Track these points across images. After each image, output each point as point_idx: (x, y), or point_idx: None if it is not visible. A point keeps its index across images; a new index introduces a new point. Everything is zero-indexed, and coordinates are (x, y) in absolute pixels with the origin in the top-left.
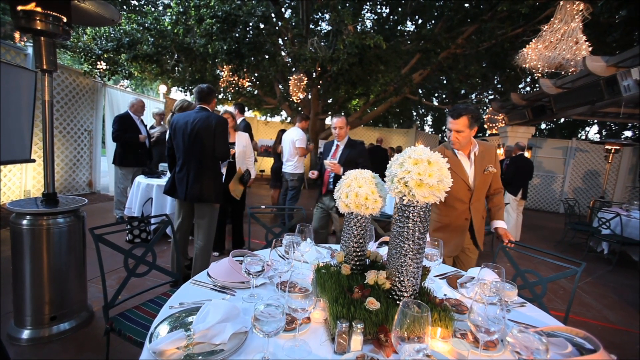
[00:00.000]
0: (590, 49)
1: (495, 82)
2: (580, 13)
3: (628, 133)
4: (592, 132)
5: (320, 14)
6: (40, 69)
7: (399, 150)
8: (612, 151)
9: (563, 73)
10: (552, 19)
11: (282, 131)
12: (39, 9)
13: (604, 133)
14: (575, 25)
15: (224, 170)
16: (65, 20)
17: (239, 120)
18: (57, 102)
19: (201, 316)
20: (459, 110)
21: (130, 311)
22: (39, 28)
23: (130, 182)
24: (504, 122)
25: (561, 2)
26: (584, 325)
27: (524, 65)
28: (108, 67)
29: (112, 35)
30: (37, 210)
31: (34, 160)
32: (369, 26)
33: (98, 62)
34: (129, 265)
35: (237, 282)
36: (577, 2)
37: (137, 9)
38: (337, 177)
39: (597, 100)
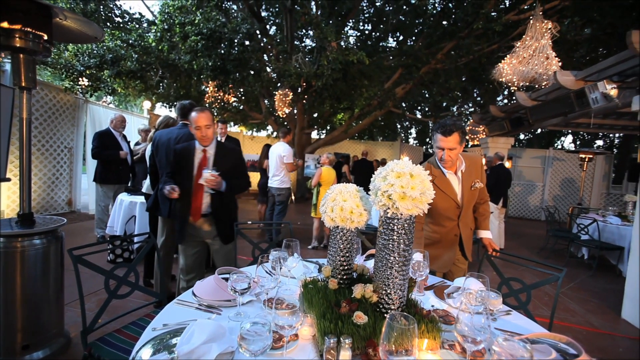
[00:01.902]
0: (560, 64)
1: (475, 95)
2: (549, 31)
3: (600, 142)
4: (567, 141)
5: (304, 31)
6: (19, 86)
7: (383, 162)
8: (586, 159)
9: (537, 86)
10: (524, 36)
11: (267, 146)
12: (18, 26)
13: (577, 142)
14: (545, 42)
15: None
16: (46, 37)
17: (224, 138)
18: (36, 119)
19: (185, 337)
20: (450, 126)
21: (111, 335)
22: (18, 45)
23: (112, 199)
24: (484, 133)
25: (531, 21)
26: (568, 331)
27: (500, 79)
28: (90, 83)
29: (94, 51)
30: (10, 232)
31: (8, 179)
32: (352, 42)
33: (80, 79)
34: (110, 287)
35: (223, 300)
36: (546, 21)
37: (121, 25)
38: (217, 196)
39: (569, 112)
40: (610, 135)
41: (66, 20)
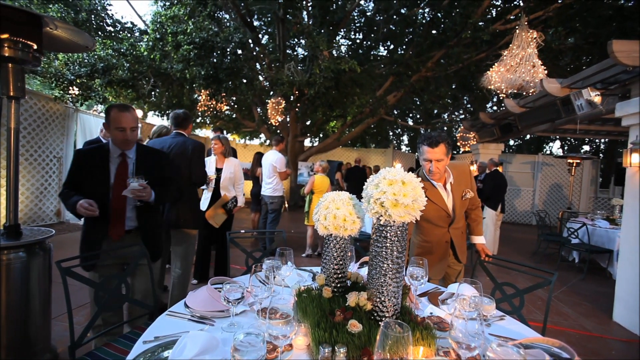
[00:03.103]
0: (546, 71)
1: (465, 103)
2: (534, 40)
3: (586, 147)
4: (556, 147)
5: (296, 40)
6: (7, 95)
7: (376, 169)
8: (574, 164)
9: (524, 93)
10: (510, 45)
11: (259, 154)
12: (6, 36)
13: (565, 148)
14: (531, 51)
15: (209, 197)
16: (35, 47)
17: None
18: (24, 129)
19: (177, 350)
20: (436, 138)
21: (100, 349)
22: (6, 55)
23: None
24: (475, 139)
25: (517, 30)
26: (561, 335)
27: (489, 87)
28: (81, 92)
29: (85, 60)
30: None
31: None
32: (343, 51)
33: (70, 88)
34: (100, 299)
35: (216, 311)
36: (531, 31)
37: (113, 34)
38: (145, 208)
39: (556, 118)
40: (596, 140)
41: (57, 29)
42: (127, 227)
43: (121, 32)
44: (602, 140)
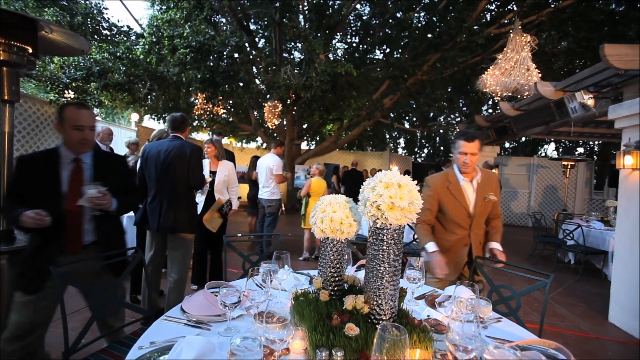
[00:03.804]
0: (540, 75)
1: (461, 105)
2: (528, 44)
3: (581, 149)
4: (550, 149)
5: (292, 44)
6: (1, 99)
7: (373, 172)
8: (569, 166)
9: (519, 96)
10: (505, 49)
11: (256, 157)
12: (1, 40)
13: (560, 150)
14: (525, 54)
15: (202, 200)
16: (30, 50)
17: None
18: (19, 132)
19: (174, 355)
20: (473, 133)
21: (95, 356)
22: (1, 58)
23: None
24: None
25: (511, 34)
26: (558, 336)
27: (484, 90)
28: (76, 95)
29: (81, 64)
30: None
31: None
32: (340, 55)
33: (66, 91)
34: (95, 305)
35: (213, 315)
36: (525, 35)
37: (109, 38)
38: (105, 218)
39: (550, 121)
40: (590, 142)
41: (52, 33)
42: (85, 241)
43: (117, 36)
44: (596, 143)
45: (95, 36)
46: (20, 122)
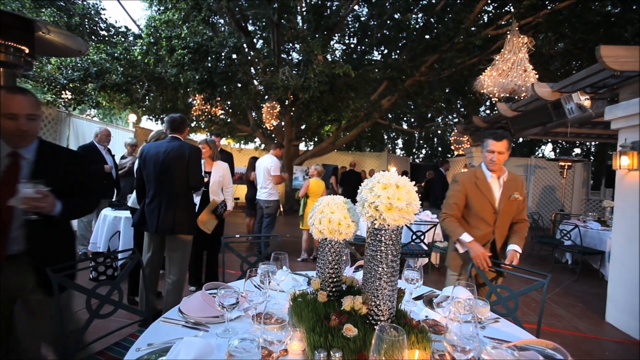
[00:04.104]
0: (537, 76)
1: (459, 106)
2: (525, 45)
3: (577, 150)
4: (548, 150)
5: (290, 45)
6: None
7: (371, 173)
8: (566, 167)
9: (516, 97)
10: (502, 50)
11: (254, 158)
12: None
13: (557, 151)
14: (522, 56)
15: (197, 201)
16: (27, 51)
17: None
18: None
19: (171, 356)
20: (501, 133)
21: (92, 358)
22: None
23: (95, 215)
24: (468, 143)
25: (508, 35)
26: (555, 336)
27: (482, 91)
28: (74, 96)
29: (78, 65)
30: None
31: None
32: (338, 56)
33: (63, 92)
34: (92, 306)
35: (211, 316)
36: (522, 36)
37: (107, 39)
38: (42, 224)
39: (547, 122)
40: (587, 143)
41: (49, 34)
42: (10, 250)
43: (115, 37)
44: (593, 143)
45: (93, 37)
46: None
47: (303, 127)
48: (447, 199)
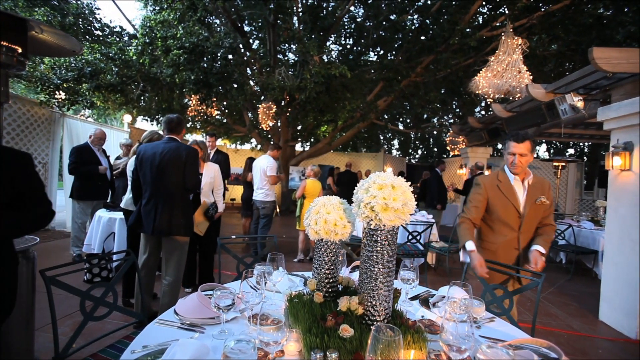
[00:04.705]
0: (531, 77)
1: (454, 107)
2: (519, 46)
3: (571, 150)
4: (542, 150)
5: (286, 45)
6: None
7: (367, 174)
8: (560, 167)
9: (511, 98)
10: (497, 51)
11: (251, 159)
12: None
13: (551, 151)
14: (517, 57)
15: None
16: (20, 51)
17: (213, 152)
18: (8, 134)
19: (167, 358)
20: (523, 134)
21: None
22: None
23: (90, 216)
24: (464, 143)
25: (503, 37)
26: (550, 335)
27: (477, 92)
28: (68, 96)
29: (72, 64)
30: None
31: None
32: (334, 56)
33: (56, 92)
34: (86, 308)
35: (207, 318)
36: (516, 37)
37: (101, 39)
38: None
39: (542, 122)
40: (580, 144)
41: (42, 33)
42: None
43: (110, 37)
44: (586, 144)
45: (87, 37)
46: (9, 124)
47: (299, 127)
48: (467, 202)
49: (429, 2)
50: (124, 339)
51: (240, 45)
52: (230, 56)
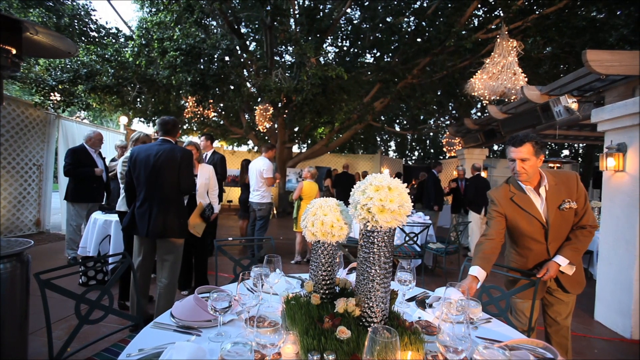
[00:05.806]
0: (526, 79)
1: (450, 109)
2: (514, 49)
3: (566, 152)
4: None
5: (283, 47)
6: None
7: (364, 175)
8: (555, 168)
9: (507, 100)
10: (492, 54)
11: (247, 161)
12: None
13: (546, 153)
14: (512, 59)
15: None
16: (14, 52)
17: (209, 153)
18: (2, 136)
19: None
20: (520, 137)
21: None
22: None
23: (85, 218)
24: (460, 145)
25: (498, 39)
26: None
27: (473, 93)
28: (63, 98)
29: (68, 66)
30: None
31: None
32: (330, 58)
33: (51, 94)
34: (81, 312)
35: (203, 320)
36: (511, 40)
37: (97, 40)
38: None
39: (537, 124)
40: (575, 145)
41: (37, 34)
42: None
43: (106, 38)
44: (581, 145)
45: (83, 38)
46: (3, 125)
47: (296, 129)
48: (487, 221)
49: (425, 5)
50: (119, 343)
51: (237, 47)
52: (227, 58)
